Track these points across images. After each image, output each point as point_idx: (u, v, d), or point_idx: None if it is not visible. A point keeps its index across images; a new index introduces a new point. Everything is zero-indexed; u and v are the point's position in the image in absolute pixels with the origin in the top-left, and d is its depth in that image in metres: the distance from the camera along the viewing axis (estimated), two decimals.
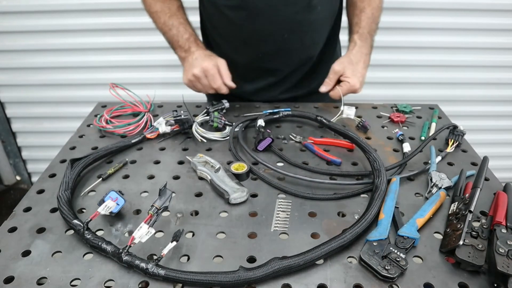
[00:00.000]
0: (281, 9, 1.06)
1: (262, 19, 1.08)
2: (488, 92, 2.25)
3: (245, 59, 1.20)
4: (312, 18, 1.10)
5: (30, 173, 2.62)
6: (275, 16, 1.07)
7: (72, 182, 0.81)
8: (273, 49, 1.14)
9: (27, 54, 2.15)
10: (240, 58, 1.19)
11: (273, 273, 0.62)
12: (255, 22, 1.09)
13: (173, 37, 1.12)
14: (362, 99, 1.45)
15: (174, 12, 1.13)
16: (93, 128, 1.09)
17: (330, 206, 0.80)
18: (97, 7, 2.01)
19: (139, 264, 0.63)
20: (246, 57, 1.19)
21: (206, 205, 0.80)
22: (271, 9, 1.06)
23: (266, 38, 1.12)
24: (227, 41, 1.20)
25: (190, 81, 1.07)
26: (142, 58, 2.15)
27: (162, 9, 1.13)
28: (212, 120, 1.03)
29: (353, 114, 1.11)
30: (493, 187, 0.84)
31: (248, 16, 1.08)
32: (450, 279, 0.63)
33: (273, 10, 1.06)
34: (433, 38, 2.08)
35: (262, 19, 1.08)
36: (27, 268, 0.65)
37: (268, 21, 1.08)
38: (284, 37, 1.11)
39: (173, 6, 1.14)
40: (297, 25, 1.10)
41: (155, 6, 1.13)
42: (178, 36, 1.11)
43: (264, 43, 1.13)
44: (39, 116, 2.35)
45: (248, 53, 1.18)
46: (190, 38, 1.11)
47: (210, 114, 1.05)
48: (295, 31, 1.11)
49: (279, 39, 1.12)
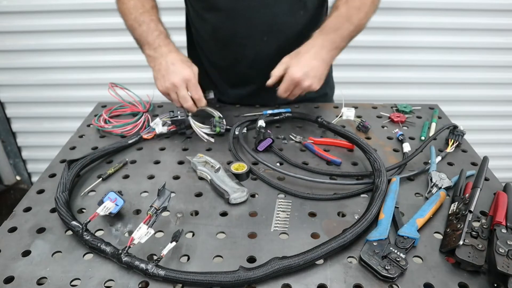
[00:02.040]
0: (260, 11, 1.04)
1: (240, 22, 1.06)
2: (488, 92, 2.25)
3: (227, 63, 1.18)
4: (293, 22, 1.08)
5: (30, 173, 2.62)
6: (254, 19, 1.05)
7: (69, 183, 0.81)
8: (253, 53, 1.12)
9: (27, 54, 2.15)
10: (222, 62, 1.18)
11: (273, 273, 0.62)
12: (233, 25, 1.07)
13: (142, 34, 1.02)
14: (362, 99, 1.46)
15: (147, 9, 1.05)
16: (93, 128, 1.09)
17: (330, 206, 0.80)
18: (97, 7, 2.01)
19: (138, 265, 0.63)
20: (228, 60, 1.17)
21: (206, 205, 0.80)
22: (249, 11, 1.04)
23: (245, 42, 1.10)
24: (207, 44, 1.18)
25: (167, 88, 0.97)
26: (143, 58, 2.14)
27: (135, 5, 1.06)
28: (215, 125, 1.03)
29: (353, 115, 1.11)
30: (493, 187, 0.84)
31: (226, 19, 1.06)
32: (450, 279, 0.63)
33: (252, 12, 1.04)
34: (433, 38, 2.08)
35: (240, 21, 1.06)
36: (27, 268, 0.65)
37: (246, 23, 1.06)
38: (263, 40, 1.09)
39: (148, 4, 1.07)
40: (277, 29, 1.08)
41: (128, 2, 1.07)
42: (147, 33, 1.02)
43: (243, 47, 1.11)
44: (39, 116, 2.35)
45: (229, 56, 1.16)
46: (160, 36, 1.01)
47: (211, 120, 1.05)
48: (275, 35, 1.09)
49: (258, 43, 1.10)
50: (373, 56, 2.12)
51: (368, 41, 2.01)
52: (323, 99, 1.29)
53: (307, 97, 1.10)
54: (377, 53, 2.11)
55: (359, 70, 2.13)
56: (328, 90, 1.33)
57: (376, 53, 2.11)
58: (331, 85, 1.35)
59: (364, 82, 2.18)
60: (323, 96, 1.30)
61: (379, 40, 2.07)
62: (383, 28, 2.04)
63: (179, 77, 0.95)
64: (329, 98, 1.35)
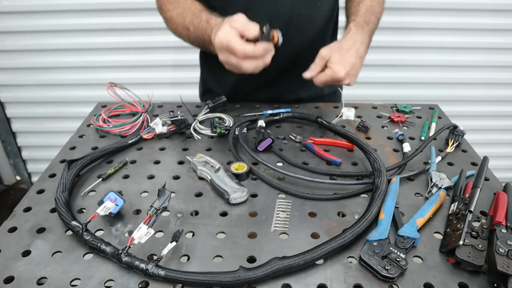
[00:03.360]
0: (278, 2, 1.04)
1: (259, 15, 1.06)
2: (488, 92, 2.25)
3: None
4: (311, 14, 1.08)
5: (30, 173, 2.62)
6: (273, 11, 1.04)
7: (69, 184, 0.81)
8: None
9: (27, 54, 2.15)
10: None
11: (273, 273, 0.62)
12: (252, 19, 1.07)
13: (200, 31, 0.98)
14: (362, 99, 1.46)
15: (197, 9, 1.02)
16: (93, 128, 1.09)
17: (330, 206, 0.80)
18: (97, 7, 2.01)
19: (138, 265, 0.63)
20: None
21: (206, 205, 0.80)
22: (268, 4, 1.04)
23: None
24: None
25: (224, 62, 0.89)
26: (143, 58, 2.15)
27: (193, 2, 1.05)
28: (215, 126, 1.03)
29: (352, 115, 1.11)
30: (493, 187, 0.84)
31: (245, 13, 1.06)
32: (450, 279, 0.63)
33: (271, 5, 1.04)
34: (433, 38, 2.08)
35: (259, 15, 1.06)
36: (27, 268, 0.65)
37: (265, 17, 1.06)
38: (283, 32, 1.09)
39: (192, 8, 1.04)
40: (296, 21, 1.07)
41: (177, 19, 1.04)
42: (201, 30, 0.97)
43: None
44: (39, 116, 2.35)
45: None
46: (204, 22, 0.96)
47: (211, 121, 1.05)
48: (294, 27, 1.08)
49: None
50: (373, 56, 2.10)
51: None
52: (332, 96, 1.30)
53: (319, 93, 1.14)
54: (377, 53, 2.11)
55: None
56: (338, 87, 1.34)
57: (376, 53, 2.11)
58: None
59: (364, 82, 2.18)
60: (333, 94, 1.32)
61: (379, 40, 2.05)
62: (383, 28, 2.02)
63: (218, 51, 0.87)
64: (338, 95, 1.35)
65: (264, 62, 0.84)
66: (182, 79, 2.18)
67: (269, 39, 0.83)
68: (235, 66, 0.85)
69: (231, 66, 0.87)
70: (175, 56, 2.12)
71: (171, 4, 1.09)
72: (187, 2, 1.07)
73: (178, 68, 2.17)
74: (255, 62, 0.84)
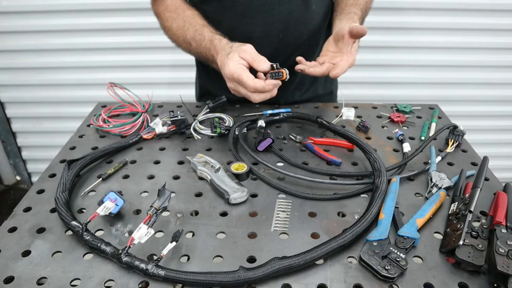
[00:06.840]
0: (275, 8, 1.04)
1: (256, 20, 1.06)
2: (488, 92, 2.25)
3: None
4: (308, 17, 1.09)
5: (30, 173, 2.62)
6: (270, 16, 1.05)
7: (69, 184, 0.81)
8: (269, 52, 1.10)
9: (27, 54, 2.15)
10: None
11: (273, 273, 0.62)
12: (249, 24, 1.06)
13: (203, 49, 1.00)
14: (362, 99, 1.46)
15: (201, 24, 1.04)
16: (93, 128, 1.09)
17: (330, 206, 0.80)
18: (97, 7, 2.01)
19: (138, 265, 0.63)
20: None
21: (206, 205, 0.80)
22: (265, 8, 1.04)
23: (262, 41, 1.08)
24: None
25: (232, 90, 0.92)
26: (143, 58, 2.15)
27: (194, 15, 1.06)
28: (215, 126, 1.03)
29: (352, 115, 1.11)
30: (493, 187, 0.84)
31: (242, 18, 1.05)
32: (450, 279, 0.63)
33: (268, 10, 1.04)
34: (433, 38, 2.08)
35: (256, 20, 1.06)
36: (27, 268, 0.65)
37: (263, 22, 1.06)
38: (279, 38, 1.09)
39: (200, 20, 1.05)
40: (293, 25, 1.08)
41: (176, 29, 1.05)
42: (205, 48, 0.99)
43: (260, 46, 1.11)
44: (39, 116, 2.35)
45: None
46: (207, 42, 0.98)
47: (211, 121, 1.05)
48: (291, 31, 1.08)
49: (275, 41, 1.09)
50: (373, 56, 2.12)
51: (368, 41, 2.01)
52: (329, 97, 1.30)
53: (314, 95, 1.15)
54: (377, 53, 2.11)
55: (359, 70, 2.14)
56: (334, 88, 1.36)
57: (376, 53, 2.11)
58: (336, 83, 1.38)
59: (364, 82, 2.19)
60: (329, 94, 1.32)
61: (379, 40, 2.07)
62: (383, 28, 2.04)
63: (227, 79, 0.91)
64: (334, 96, 1.37)
65: (271, 95, 0.88)
66: (183, 79, 2.17)
67: (278, 76, 0.87)
68: (243, 96, 0.89)
69: (239, 95, 0.90)
70: (175, 56, 2.12)
71: (170, 13, 1.09)
72: (187, 14, 1.06)
73: (178, 68, 2.17)
74: (263, 95, 0.87)
